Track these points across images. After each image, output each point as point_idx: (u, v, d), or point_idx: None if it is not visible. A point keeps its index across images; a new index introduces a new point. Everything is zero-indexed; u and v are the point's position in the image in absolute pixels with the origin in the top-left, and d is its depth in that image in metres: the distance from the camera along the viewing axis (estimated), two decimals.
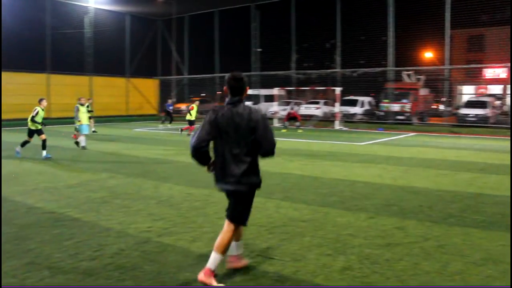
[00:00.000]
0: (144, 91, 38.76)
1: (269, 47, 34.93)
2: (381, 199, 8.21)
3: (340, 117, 28.59)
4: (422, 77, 33.52)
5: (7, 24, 28.64)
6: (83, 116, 16.02)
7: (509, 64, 25.44)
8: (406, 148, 16.90)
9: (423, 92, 32.73)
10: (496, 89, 44.55)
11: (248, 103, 27.01)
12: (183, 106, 40.61)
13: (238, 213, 4.55)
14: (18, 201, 7.92)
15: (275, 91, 31.51)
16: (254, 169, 4.46)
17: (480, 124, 27.05)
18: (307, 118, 30.72)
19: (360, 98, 32.16)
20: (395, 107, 29.05)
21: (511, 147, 16.31)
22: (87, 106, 23.05)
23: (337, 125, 27.24)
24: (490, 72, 35.32)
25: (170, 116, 30.04)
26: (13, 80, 29.61)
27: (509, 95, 25.58)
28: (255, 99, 35.90)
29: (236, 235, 4.61)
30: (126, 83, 37.76)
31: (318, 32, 32.83)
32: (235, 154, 4.35)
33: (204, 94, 44.38)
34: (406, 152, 15.68)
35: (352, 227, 6.37)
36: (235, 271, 4.76)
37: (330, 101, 32.98)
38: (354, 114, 31.43)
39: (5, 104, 28.87)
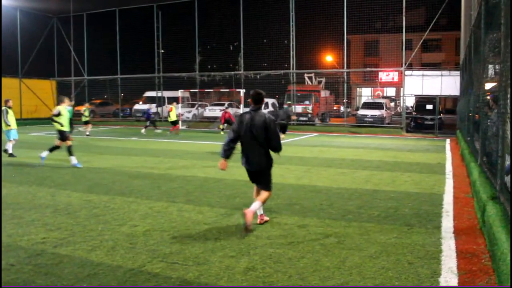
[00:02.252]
0: (40, 93, 36.40)
1: (172, 48, 34.49)
2: (284, 198, 8.39)
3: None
4: (323, 80, 34.98)
5: None
6: (13, 120, 14.64)
7: (401, 68, 27.24)
8: (308, 148, 17.47)
9: (324, 94, 34.15)
10: (391, 91, 47.72)
11: (153, 105, 26.64)
12: (83, 109, 38.85)
13: (265, 184, 6.63)
14: None
15: (179, 93, 31.19)
16: (268, 155, 6.57)
17: (377, 124, 28.73)
18: (212, 120, 30.74)
19: (265, 100, 32.79)
20: (298, 108, 29.97)
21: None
22: (84, 110, 22.01)
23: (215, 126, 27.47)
24: (384, 76, 37.61)
25: (153, 122, 27.71)
26: None
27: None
28: (159, 101, 35.24)
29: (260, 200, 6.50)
30: (19, 84, 35.23)
31: (221, 34, 33.00)
32: (255, 145, 6.44)
33: (106, 96, 42.67)
34: (309, 152, 16.21)
35: (255, 228, 6.43)
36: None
37: (235, 103, 33.28)
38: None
39: None
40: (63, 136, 12.55)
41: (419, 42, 28.09)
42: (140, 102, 37.47)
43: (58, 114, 12.35)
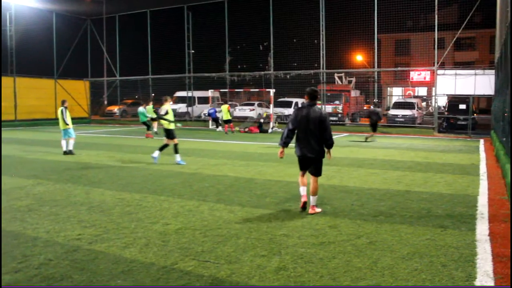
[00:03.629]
0: (74, 93, 37.24)
1: (202, 48, 34.75)
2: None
3: (275, 118, 28.92)
4: (353, 79, 34.68)
5: None
6: (69, 119, 15.26)
7: (433, 67, 26.78)
8: (338, 148, 17.33)
9: (354, 94, 33.85)
10: (422, 91, 46.93)
11: (182, 105, 27.11)
12: (115, 109, 39.57)
13: (317, 170, 7.41)
14: None
15: (209, 92, 31.41)
16: (321, 144, 7.32)
17: (408, 124, 28.30)
18: (242, 119, 30.86)
19: (295, 100, 32.74)
20: (328, 108, 29.80)
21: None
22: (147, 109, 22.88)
23: (272, 127, 27.52)
24: (416, 75, 37.03)
25: (216, 121, 28.79)
26: None
27: (435, 97, 26.88)
28: (189, 101, 35.58)
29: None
30: (54, 85, 36.15)
31: (251, 34, 33.02)
32: (312, 136, 7.25)
33: (137, 96, 43.35)
34: (339, 152, 16.09)
35: (286, 228, 6.44)
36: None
37: (264, 103, 33.32)
38: (288, 116, 31.94)
39: None
40: (170, 134, 12.95)
41: (451, 41, 27.52)
42: (171, 102, 37.86)
43: (166, 113, 12.82)
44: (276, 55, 31.33)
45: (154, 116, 23.38)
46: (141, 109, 23.87)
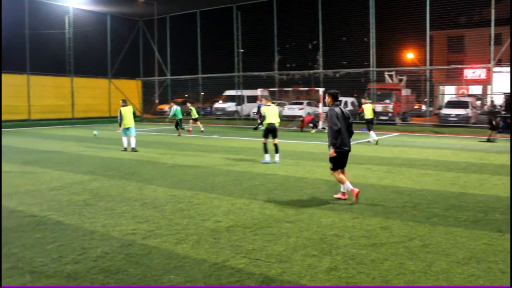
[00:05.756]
0: (127, 92, 38.39)
1: (251, 47, 34.91)
2: (365, 199, 8.24)
3: (324, 117, 28.70)
4: (404, 78, 33.89)
5: None
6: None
7: (489, 65, 25.78)
8: (389, 148, 17.03)
9: (405, 92, 33.08)
10: (477, 89, 45.19)
11: (231, 103, 27.50)
12: (166, 107, 40.41)
13: (346, 162, 8.19)
14: None
15: (258, 91, 31.55)
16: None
17: (461, 124, 27.39)
18: (291, 118, 30.78)
19: (344, 99, 32.37)
20: (378, 107, 29.29)
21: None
22: (190, 109, 24.03)
23: (321, 126, 27.33)
24: (470, 73, 35.74)
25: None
26: None
27: (490, 96, 25.90)
28: (239, 100, 35.86)
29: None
30: (108, 84, 37.39)
31: (300, 33, 32.86)
32: (346, 132, 8.00)
33: (187, 95, 44.12)
34: (390, 152, 15.81)
35: (337, 228, 6.39)
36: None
37: (313, 102, 33.10)
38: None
39: None
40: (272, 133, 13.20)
41: (509, 36, 26.37)
42: (220, 101, 38.37)
43: (263, 115, 13.23)
44: (325, 53, 31.07)
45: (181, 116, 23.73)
46: (176, 108, 24.02)
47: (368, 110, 19.21)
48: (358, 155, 14.76)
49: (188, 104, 26.75)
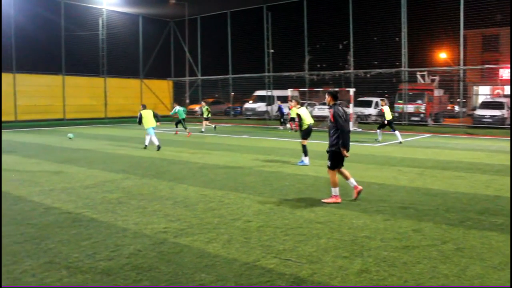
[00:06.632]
0: (158, 92, 38.98)
1: (282, 48, 34.90)
2: (397, 201, 8.15)
3: (354, 118, 28.45)
4: (437, 78, 33.26)
5: (21, 26, 29.06)
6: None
7: None
8: (421, 150, 16.76)
9: (438, 93, 32.46)
10: None
11: (261, 103, 27.62)
12: (197, 107, 40.79)
13: (343, 162, 8.12)
14: (35, 201, 8.01)
15: (289, 92, 31.49)
16: None
17: (496, 125, 26.73)
18: (321, 119, 30.62)
19: (375, 99, 32.00)
20: (410, 108, 28.83)
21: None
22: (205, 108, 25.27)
23: (351, 126, 27.12)
24: (506, 73, 34.82)
25: (283, 118, 29.78)
26: (28, 81, 29.99)
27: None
28: (269, 100, 35.89)
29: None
30: (140, 84, 37.99)
31: (330, 33, 32.61)
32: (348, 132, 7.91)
33: (217, 95, 44.45)
34: (422, 153, 15.56)
35: (368, 229, 6.34)
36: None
37: (344, 102, 32.83)
38: (368, 115, 31.31)
39: (20, 105, 29.38)
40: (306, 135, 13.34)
41: None
42: (251, 101, 38.50)
43: (298, 117, 13.25)
44: (356, 53, 30.78)
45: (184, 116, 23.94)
46: (179, 108, 24.05)
47: (388, 111, 19.33)
48: (389, 157, 14.59)
49: (203, 103, 27.06)
